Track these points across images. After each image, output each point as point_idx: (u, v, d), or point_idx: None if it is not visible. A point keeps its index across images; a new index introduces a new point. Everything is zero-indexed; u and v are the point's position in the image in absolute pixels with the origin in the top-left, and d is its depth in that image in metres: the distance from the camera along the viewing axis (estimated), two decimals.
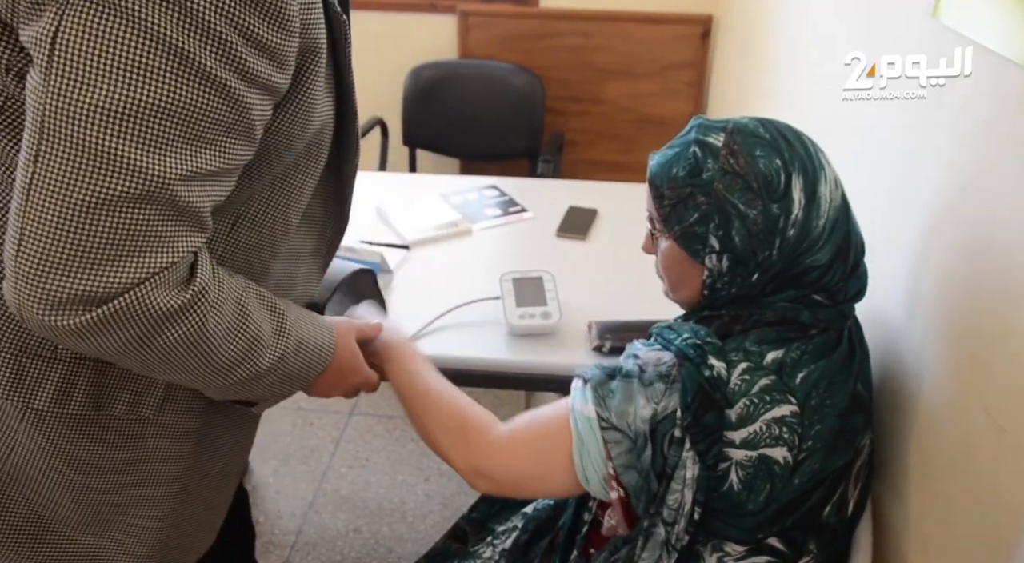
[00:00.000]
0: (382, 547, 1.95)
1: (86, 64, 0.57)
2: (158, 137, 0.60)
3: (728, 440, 0.80)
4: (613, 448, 0.82)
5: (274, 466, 2.19)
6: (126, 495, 0.86)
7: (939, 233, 0.90)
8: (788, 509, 0.82)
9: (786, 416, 0.80)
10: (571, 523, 1.06)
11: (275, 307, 0.83)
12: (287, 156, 0.76)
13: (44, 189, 0.60)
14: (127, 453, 0.83)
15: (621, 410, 0.83)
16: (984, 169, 0.81)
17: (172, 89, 0.59)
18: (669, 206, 0.85)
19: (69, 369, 0.77)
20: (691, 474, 0.80)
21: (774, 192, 0.80)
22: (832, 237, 0.82)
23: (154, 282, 0.64)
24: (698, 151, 0.83)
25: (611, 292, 1.48)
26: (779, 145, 0.82)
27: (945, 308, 0.87)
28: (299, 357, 0.85)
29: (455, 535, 1.29)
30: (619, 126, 2.81)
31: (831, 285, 0.83)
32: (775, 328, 0.84)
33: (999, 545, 0.72)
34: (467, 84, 2.71)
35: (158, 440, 0.85)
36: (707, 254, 0.84)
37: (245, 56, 0.61)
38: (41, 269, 0.61)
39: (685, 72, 2.70)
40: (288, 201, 0.82)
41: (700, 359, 0.81)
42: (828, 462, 0.82)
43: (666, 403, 0.81)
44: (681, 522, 0.82)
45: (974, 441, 0.78)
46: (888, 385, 0.98)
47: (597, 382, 0.86)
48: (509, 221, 1.81)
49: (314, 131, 0.78)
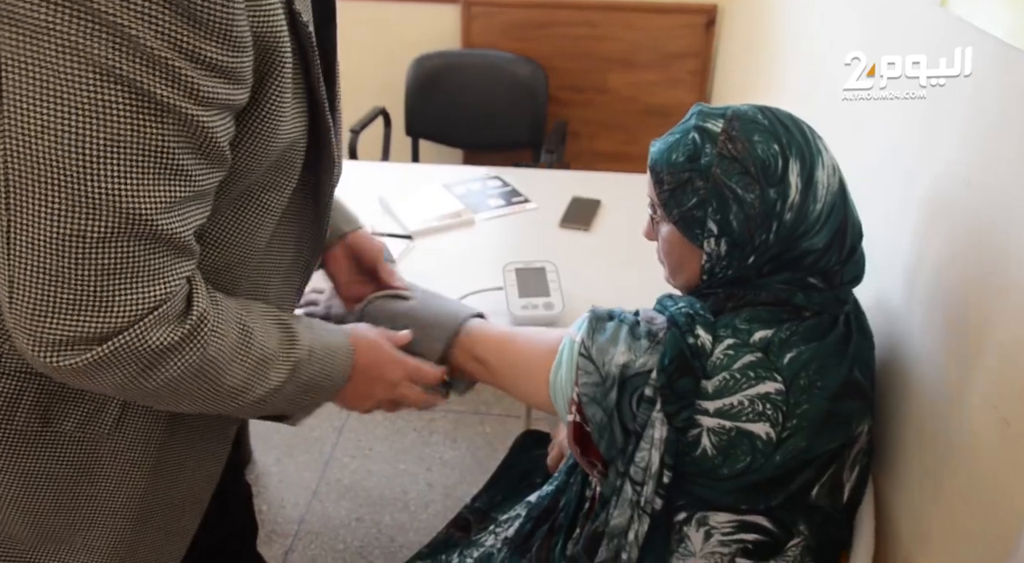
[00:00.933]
0: (384, 536, 1.96)
1: (38, 106, 0.56)
2: (126, 172, 0.59)
3: (701, 408, 0.82)
4: (581, 376, 0.86)
5: (276, 456, 2.20)
6: (79, 513, 0.83)
7: (940, 222, 0.90)
8: (771, 486, 0.83)
9: (770, 393, 0.81)
10: (574, 503, 1.07)
11: (280, 319, 0.82)
12: (250, 175, 0.73)
13: (23, 238, 0.59)
14: (79, 471, 0.81)
15: (603, 347, 0.86)
16: (989, 158, 0.81)
17: (130, 122, 0.58)
18: (668, 191, 0.86)
19: (13, 383, 0.74)
20: (659, 435, 0.82)
21: (771, 177, 0.82)
22: (829, 222, 0.83)
23: (152, 318, 0.64)
24: (697, 137, 0.85)
25: (614, 283, 1.48)
26: (777, 131, 0.83)
27: (948, 298, 0.87)
28: (314, 365, 0.84)
29: (458, 524, 1.30)
30: (623, 116, 2.80)
31: (827, 269, 0.84)
32: (768, 308, 0.85)
33: (1001, 537, 0.72)
34: (470, 74, 2.70)
35: (113, 460, 0.82)
36: (706, 238, 0.85)
37: (195, 79, 0.59)
38: (36, 315, 0.61)
39: (689, 62, 2.69)
40: (255, 221, 0.78)
41: (688, 327, 0.83)
42: (816, 443, 0.83)
43: (645, 360, 0.84)
44: (650, 483, 0.84)
45: (977, 433, 0.78)
46: (891, 374, 0.98)
47: (596, 317, 0.91)
48: (512, 211, 1.80)
49: (281, 148, 0.74)
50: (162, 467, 0.87)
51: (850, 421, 0.86)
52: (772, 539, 0.86)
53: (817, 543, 0.88)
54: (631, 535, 0.87)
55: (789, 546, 0.86)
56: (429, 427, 2.31)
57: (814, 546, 0.87)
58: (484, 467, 2.12)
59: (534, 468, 1.38)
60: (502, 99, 2.69)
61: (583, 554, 0.91)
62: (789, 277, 0.84)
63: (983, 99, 0.82)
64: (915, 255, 0.97)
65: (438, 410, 2.36)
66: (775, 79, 1.87)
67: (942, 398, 0.87)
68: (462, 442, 2.25)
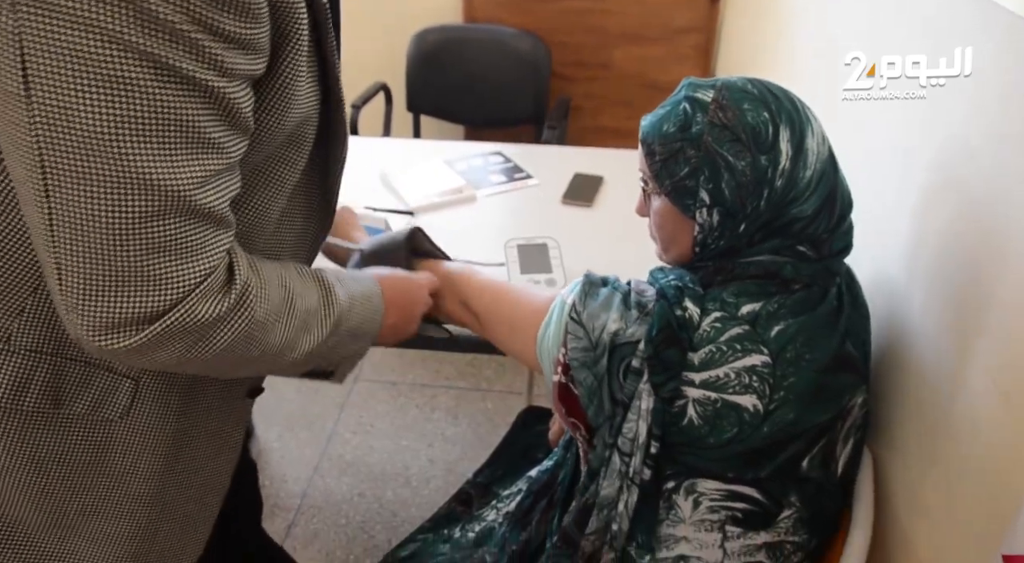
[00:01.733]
0: (386, 511, 1.98)
1: (66, 89, 0.55)
2: (159, 150, 0.59)
3: (687, 379, 0.82)
4: (570, 340, 0.87)
5: (278, 431, 2.21)
6: (92, 499, 0.82)
7: (941, 198, 0.90)
8: (758, 457, 0.83)
9: (757, 366, 0.81)
10: (570, 477, 1.08)
11: (315, 275, 0.84)
12: (265, 148, 0.73)
13: (66, 224, 0.60)
14: (92, 455, 0.80)
15: (594, 312, 0.87)
16: (991, 138, 0.80)
17: (159, 99, 0.57)
18: (660, 162, 0.87)
19: (24, 362, 0.74)
20: (646, 406, 0.83)
21: (762, 144, 0.82)
22: (819, 189, 0.84)
23: (198, 293, 0.65)
24: (688, 107, 0.85)
25: (616, 259, 1.47)
26: (767, 99, 0.84)
27: (949, 273, 0.87)
28: (354, 312, 0.87)
29: (459, 499, 1.31)
30: (626, 92, 2.78)
31: (815, 236, 0.85)
32: (756, 281, 0.85)
33: (1000, 511, 0.72)
34: (472, 49, 2.67)
35: (127, 444, 0.81)
36: (698, 208, 0.85)
37: (217, 51, 0.59)
38: (86, 299, 0.62)
39: (694, 37, 2.67)
40: (267, 195, 0.78)
41: (676, 300, 0.84)
42: (804, 415, 0.83)
43: (634, 330, 0.84)
44: (638, 454, 0.85)
45: (977, 407, 0.78)
46: (891, 349, 0.98)
47: (590, 282, 0.91)
48: (514, 187, 1.80)
49: (296, 122, 0.74)
50: (178, 454, 0.86)
51: (841, 394, 0.86)
52: (762, 510, 0.86)
53: (810, 515, 0.88)
54: (620, 506, 0.87)
55: (781, 518, 0.87)
56: (431, 403, 2.32)
57: (807, 517, 0.88)
58: (485, 443, 2.13)
59: (536, 444, 1.39)
60: (504, 74, 2.67)
61: (574, 526, 0.92)
62: (778, 244, 0.84)
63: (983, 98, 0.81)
64: (916, 231, 0.96)
65: (439, 386, 2.37)
66: (780, 53, 1.86)
67: (942, 372, 0.87)
68: (463, 418, 2.26)
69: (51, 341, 0.74)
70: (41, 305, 0.72)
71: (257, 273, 0.73)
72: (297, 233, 0.88)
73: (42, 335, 0.74)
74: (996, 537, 0.70)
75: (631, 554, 0.89)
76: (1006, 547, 0.67)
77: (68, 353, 0.75)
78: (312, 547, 1.89)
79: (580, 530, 0.91)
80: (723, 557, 0.88)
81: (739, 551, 0.88)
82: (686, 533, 0.88)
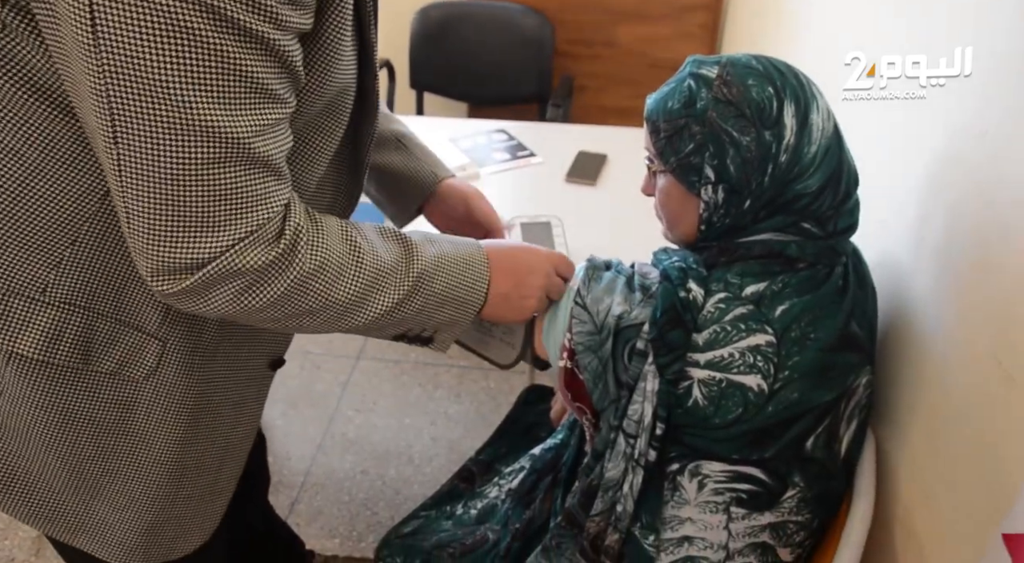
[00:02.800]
0: (389, 489, 1.99)
1: (132, 39, 0.57)
2: (220, 98, 0.61)
3: (692, 360, 0.82)
4: (575, 324, 0.87)
5: (282, 409, 2.22)
6: (117, 461, 0.84)
7: (948, 176, 0.89)
8: (763, 436, 0.83)
9: (761, 345, 0.81)
10: (573, 457, 1.08)
11: (397, 234, 0.82)
12: (307, 112, 0.74)
13: (132, 168, 0.62)
14: (117, 414, 0.82)
15: (598, 296, 0.88)
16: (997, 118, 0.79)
17: (220, 49, 0.59)
18: (665, 138, 0.86)
19: (58, 315, 0.75)
20: (651, 387, 0.83)
21: (767, 119, 0.81)
22: (823, 165, 0.83)
23: (250, 240, 0.67)
24: (692, 83, 0.85)
25: (620, 237, 1.47)
26: (771, 75, 0.84)
27: (954, 254, 0.86)
28: (442, 274, 0.82)
29: (462, 476, 1.31)
30: (631, 70, 2.76)
31: (820, 213, 0.84)
32: (760, 261, 0.85)
33: (1003, 492, 0.72)
34: (476, 25, 2.65)
35: (151, 405, 0.83)
36: (703, 186, 0.85)
37: (272, 5, 0.60)
38: (148, 244, 0.65)
39: (700, 14, 2.64)
40: (305, 164, 0.79)
41: (680, 281, 0.84)
42: (809, 395, 0.83)
43: (638, 312, 0.85)
44: (643, 436, 0.85)
45: (982, 389, 0.78)
46: (896, 329, 0.98)
47: (593, 266, 0.92)
48: (518, 165, 1.79)
49: (336, 89, 0.75)
50: (199, 419, 0.87)
51: (846, 374, 0.86)
52: (767, 490, 0.86)
53: (814, 495, 0.88)
54: (626, 487, 0.88)
55: (785, 498, 0.87)
56: (433, 382, 2.32)
57: (810, 497, 0.88)
58: (488, 421, 2.14)
59: (538, 422, 1.39)
60: (508, 52, 2.65)
61: (578, 507, 0.93)
62: (782, 221, 0.84)
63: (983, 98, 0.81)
64: (922, 211, 0.96)
65: (442, 365, 2.38)
66: (787, 31, 1.84)
67: (946, 353, 0.86)
68: (466, 397, 2.27)
69: (84, 295, 0.75)
70: (78, 258, 0.74)
71: (316, 224, 0.74)
72: (326, 206, 0.88)
73: (76, 288, 0.75)
74: (996, 517, 0.71)
75: (635, 534, 0.90)
76: (1006, 526, 0.67)
77: (99, 308, 0.77)
78: (315, 524, 1.90)
79: (584, 511, 0.92)
80: (728, 538, 0.88)
81: (743, 532, 0.88)
82: (691, 514, 0.88)
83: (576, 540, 0.94)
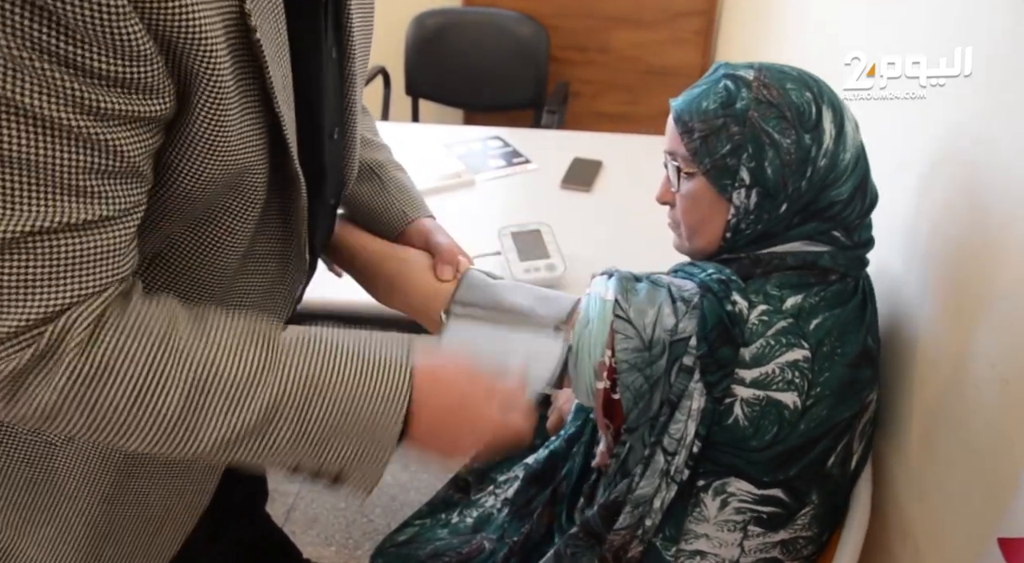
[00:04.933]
0: (385, 495, 1.98)
1: None
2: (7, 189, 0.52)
3: (739, 377, 0.80)
4: (620, 341, 0.81)
5: None
6: (38, 514, 0.78)
7: (939, 182, 0.89)
8: (793, 456, 0.82)
9: (798, 361, 0.80)
10: (579, 472, 1.07)
11: (271, 339, 0.65)
12: (198, 200, 0.65)
13: None
14: (36, 474, 0.76)
15: (641, 308, 0.81)
16: (991, 138, 0.80)
17: (20, 143, 0.51)
18: (700, 138, 0.84)
19: None
20: (697, 406, 0.80)
21: (807, 123, 0.81)
22: (855, 173, 0.83)
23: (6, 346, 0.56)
24: (730, 84, 0.83)
25: (616, 244, 1.47)
26: (807, 81, 0.84)
27: (947, 260, 0.87)
28: (329, 398, 0.64)
29: (457, 484, 1.31)
30: (625, 76, 2.76)
31: (849, 221, 0.84)
32: (796, 272, 0.84)
33: (997, 497, 0.72)
34: (471, 32, 2.66)
35: (70, 470, 0.76)
36: (736, 189, 0.83)
37: (80, 89, 0.52)
38: None
39: (694, 20, 2.65)
40: (214, 245, 0.70)
41: (724, 293, 0.81)
42: (835, 411, 0.82)
43: (684, 325, 0.80)
44: (682, 453, 0.82)
45: (977, 393, 0.78)
46: (890, 336, 0.98)
47: (624, 277, 0.85)
48: (513, 172, 1.79)
49: (233, 172, 0.65)
50: (126, 487, 0.80)
51: (863, 389, 0.85)
52: (786, 510, 0.85)
53: (824, 511, 0.88)
54: (657, 503, 0.86)
55: (799, 515, 0.86)
56: None
57: (822, 514, 0.88)
58: None
59: (533, 430, 1.39)
60: (503, 58, 2.65)
61: (600, 521, 0.90)
62: (815, 228, 0.83)
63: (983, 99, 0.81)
64: (914, 218, 0.96)
65: None
66: (781, 38, 1.84)
67: (941, 358, 0.87)
68: None
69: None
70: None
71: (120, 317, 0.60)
72: (272, 278, 0.80)
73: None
74: (992, 521, 0.70)
75: (656, 545, 0.89)
76: (1002, 530, 0.67)
77: None
78: (311, 531, 1.89)
79: (607, 524, 0.89)
80: (740, 554, 0.87)
81: (756, 548, 0.87)
82: (707, 531, 0.87)
83: (595, 551, 0.92)
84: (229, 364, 0.62)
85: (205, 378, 0.61)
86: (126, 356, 0.59)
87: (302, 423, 0.64)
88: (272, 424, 0.63)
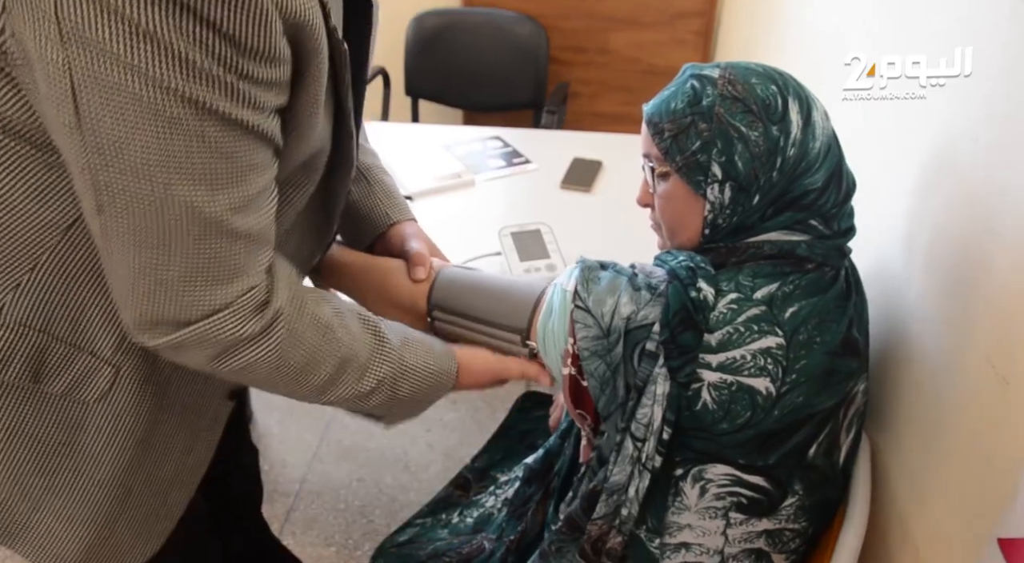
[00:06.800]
0: (385, 496, 1.98)
1: (114, 124, 0.59)
2: (202, 179, 0.63)
3: (704, 362, 0.81)
4: (579, 329, 0.85)
5: (278, 417, 2.21)
6: (60, 479, 0.83)
7: (939, 182, 0.89)
8: (769, 441, 0.83)
9: (771, 348, 0.81)
10: (568, 467, 1.08)
11: (377, 329, 0.85)
12: (282, 171, 0.75)
13: (115, 236, 0.65)
14: (64, 436, 0.81)
15: (600, 298, 0.85)
16: (991, 138, 0.80)
17: (200, 134, 0.61)
18: (670, 138, 0.86)
19: (10, 335, 0.75)
20: (662, 390, 0.82)
21: (773, 114, 0.82)
22: (826, 161, 0.84)
23: (229, 311, 0.70)
24: (696, 83, 0.85)
25: (616, 244, 1.47)
26: (772, 75, 0.85)
27: (947, 259, 0.87)
28: (411, 382, 0.88)
29: (458, 483, 1.31)
30: (625, 77, 2.77)
31: (826, 210, 0.85)
32: (771, 261, 0.84)
33: (997, 497, 0.72)
34: (471, 33, 2.66)
35: (99, 429, 0.82)
36: (709, 185, 0.84)
37: (247, 90, 0.62)
38: (131, 298, 0.68)
39: (694, 21, 2.65)
40: (277, 214, 0.78)
41: (690, 280, 0.83)
42: (814, 400, 0.83)
43: (647, 312, 0.83)
44: (651, 440, 0.84)
45: (975, 392, 0.78)
46: (889, 335, 0.98)
47: (588, 266, 0.89)
48: (513, 172, 1.79)
49: (311, 152, 0.77)
50: (149, 445, 0.86)
51: (846, 380, 0.86)
52: (767, 497, 0.86)
53: (811, 503, 0.88)
54: (631, 491, 0.87)
55: (784, 505, 0.87)
56: None
57: (808, 505, 0.88)
58: (484, 429, 2.13)
59: (533, 429, 1.39)
60: (503, 59, 2.66)
61: (580, 512, 0.92)
62: (791, 218, 0.84)
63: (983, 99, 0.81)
64: (913, 216, 0.96)
65: None
66: (780, 39, 1.85)
67: (940, 357, 0.87)
68: (462, 404, 2.27)
69: (41, 318, 0.75)
70: (37, 282, 0.73)
71: (298, 309, 0.76)
72: (292, 250, 0.87)
73: (33, 311, 0.74)
74: (992, 521, 0.71)
75: (640, 537, 0.89)
76: (1002, 530, 0.67)
77: (55, 331, 0.76)
78: (311, 532, 1.89)
79: (586, 515, 0.91)
80: (724, 543, 0.88)
81: (740, 537, 0.88)
82: (690, 521, 0.87)
83: (577, 544, 0.93)
84: (354, 347, 0.82)
85: (343, 356, 0.81)
86: (304, 338, 0.77)
87: (392, 396, 0.87)
88: (379, 391, 0.85)
